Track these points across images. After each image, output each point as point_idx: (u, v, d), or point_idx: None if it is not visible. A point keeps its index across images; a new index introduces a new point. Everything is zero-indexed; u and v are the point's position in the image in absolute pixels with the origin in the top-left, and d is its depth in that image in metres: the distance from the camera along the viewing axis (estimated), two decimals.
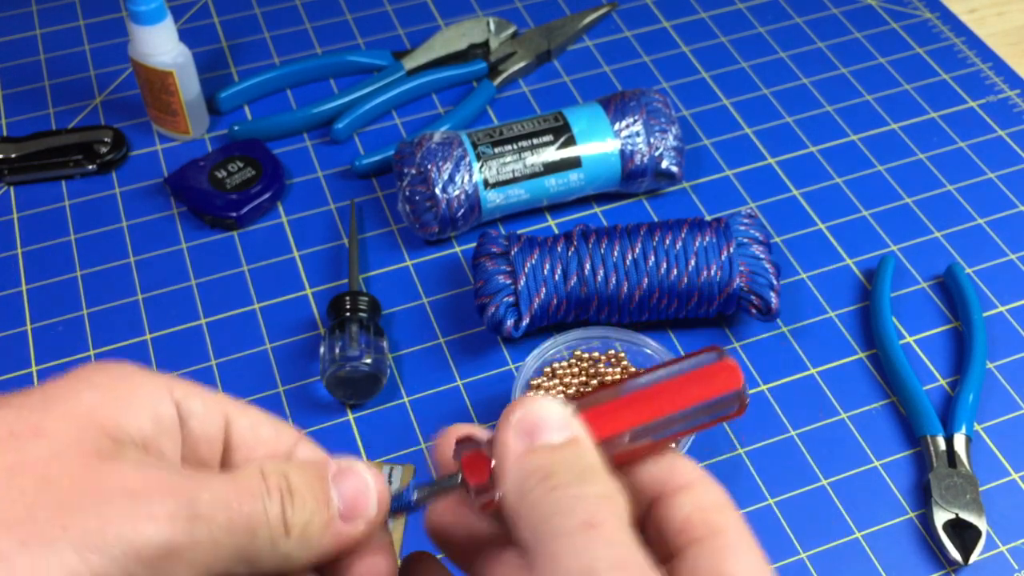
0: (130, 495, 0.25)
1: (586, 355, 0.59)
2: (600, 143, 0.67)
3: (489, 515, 0.29)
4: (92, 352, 0.62)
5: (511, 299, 0.59)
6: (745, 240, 0.61)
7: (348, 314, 0.60)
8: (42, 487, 0.24)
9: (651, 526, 0.28)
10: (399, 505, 0.29)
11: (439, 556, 0.31)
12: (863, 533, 0.55)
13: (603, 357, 0.59)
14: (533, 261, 0.60)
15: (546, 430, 0.27)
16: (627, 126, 0.68)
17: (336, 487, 0.28)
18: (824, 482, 0.56)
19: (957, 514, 0.54)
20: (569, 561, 0.24)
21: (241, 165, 0.70)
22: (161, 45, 0.68)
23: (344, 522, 0.28)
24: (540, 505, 0.26)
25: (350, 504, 0.28)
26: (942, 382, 0.61)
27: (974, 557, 0.53)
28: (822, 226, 0.69)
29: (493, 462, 0.28)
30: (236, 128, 0.73)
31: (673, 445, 0.30)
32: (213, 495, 0.26)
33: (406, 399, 0.60)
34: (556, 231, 0.69)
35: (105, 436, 0.25)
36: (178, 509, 0.25)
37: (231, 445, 0.29)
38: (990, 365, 0.62)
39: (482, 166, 0.65)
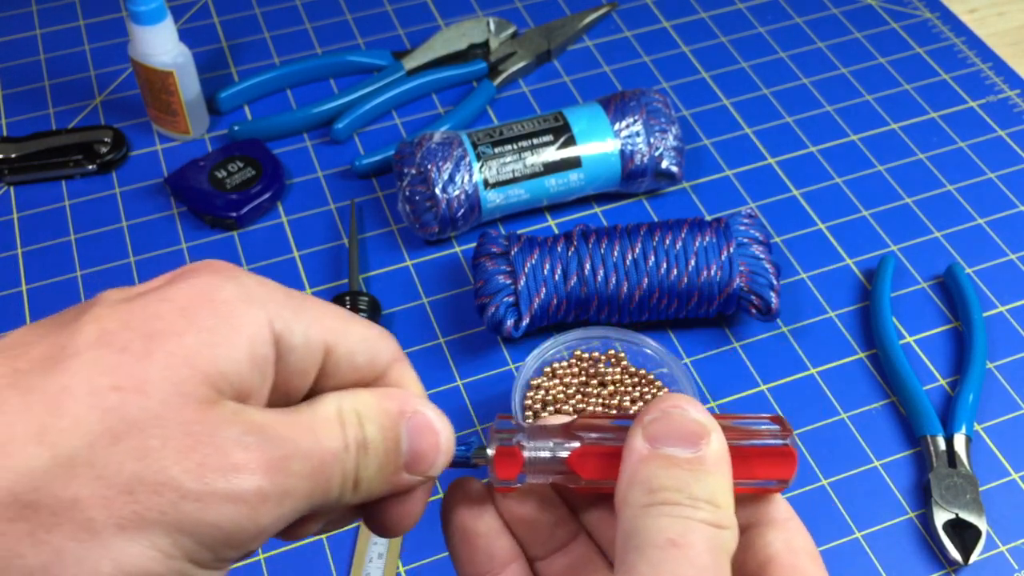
0: (225, 460, 0.24)
1: (586, 355, 0.59)
2: (600, 143, 0.67)
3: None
4: None
5: (511, 299, 0.59)
6: (745, 240, 0.61)
7: None
8: (143, 458, 0.23)
9: (748, 554, 0.28)
10: (455, 461, 0.30)
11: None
12: (863, 533, 0.55)
13: (603, 357, 0.59)
14: (533, 261, 0.60)
15: (673, 439, 0.27)
16: (627, 126, 0.68)
17: (408, 437, 0.28)
18: (824, 482, 0.56)
19: (957, 514, 0.54)
20: (644, 574, 0.24)
21: (241, 165, 0.70)
22: (161, 45, 0.68)
23: (406, 472, 0.28)
24: (637, 516, 0.25)
25: (417, 457, 0.28)
26: (942, 382, 0.61)
27: (974, 557, 0.53)
28: (822, 226, 0.69)
29: (526, 455, 0.28)
30: (236, 128, 0.73)
31: None
32: (300, 450, 0.25)
33: None
34: (556, 231, 0.69)
35: (206, 385, 0.24)
36: (271, 471, 0.24)
37: (324, 372, 0.28)
38: (990, 365, 0.62)
39: (482, 166, 0.65)
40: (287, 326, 0.26)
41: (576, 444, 0.29)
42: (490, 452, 0.29)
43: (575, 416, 0.30)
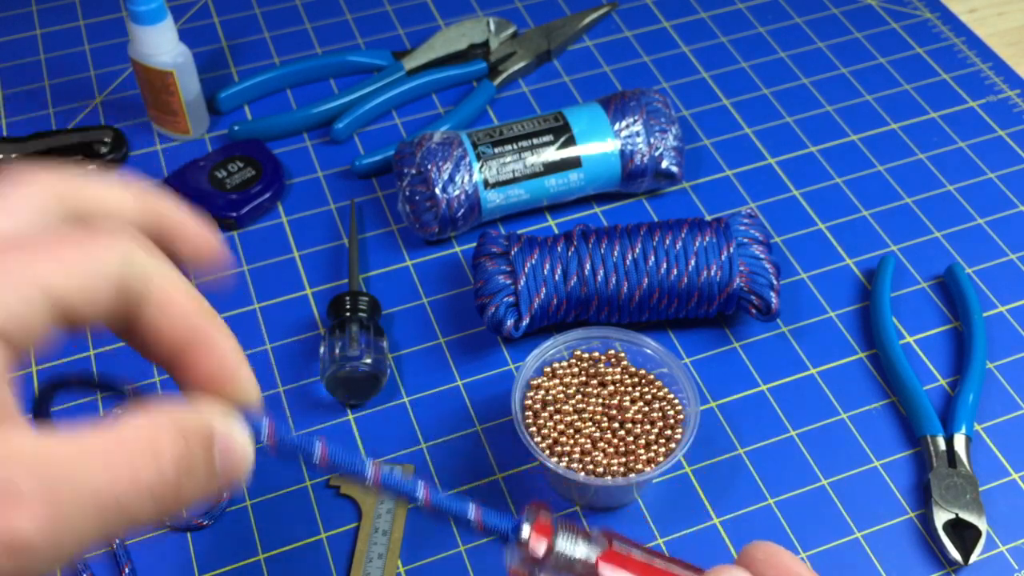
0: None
1: (586, 355, 0.59)
2: (600, 143, 0.67)
3: None
4: (92, 352, 0.62)
5: (511, 299, 0.59)
6: (745, 240, 0.61)
7: (348, 314, 0.60)
8: None
9: None
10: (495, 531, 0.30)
11: None
12: (863, 533, 0.55)
13: (603, 357, 0.59)
14: (533, 261, 0.60)
15: None
16: (627, 126, 0.68)
17: (217, 450, 0.26)
18: (824, 482, 0.56)
19: (957, 514, 0.54)
20: None
21: (241, 165, 0.70)
22: (161, 45, 0.68)
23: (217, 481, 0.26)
24: None
25: (227, 471, 0.26)
26: (942, 382, 0.61)
27: (974, 557, 0.53)
28: (822, 226, 0.69)
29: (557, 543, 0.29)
30: (236, 128, 0.73)
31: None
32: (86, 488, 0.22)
33: (406, 399, 0.60)
34: (556, 231, 0.69)
35: None
36: (45, 497, 0.21)
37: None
38: (990, 365, 0.62)
39: (482, 166, 0.65)
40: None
41: (604, 548, 0.29)
42: (526, 528, 0.29)
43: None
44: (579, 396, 0.57)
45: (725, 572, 0.27)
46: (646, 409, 0.56)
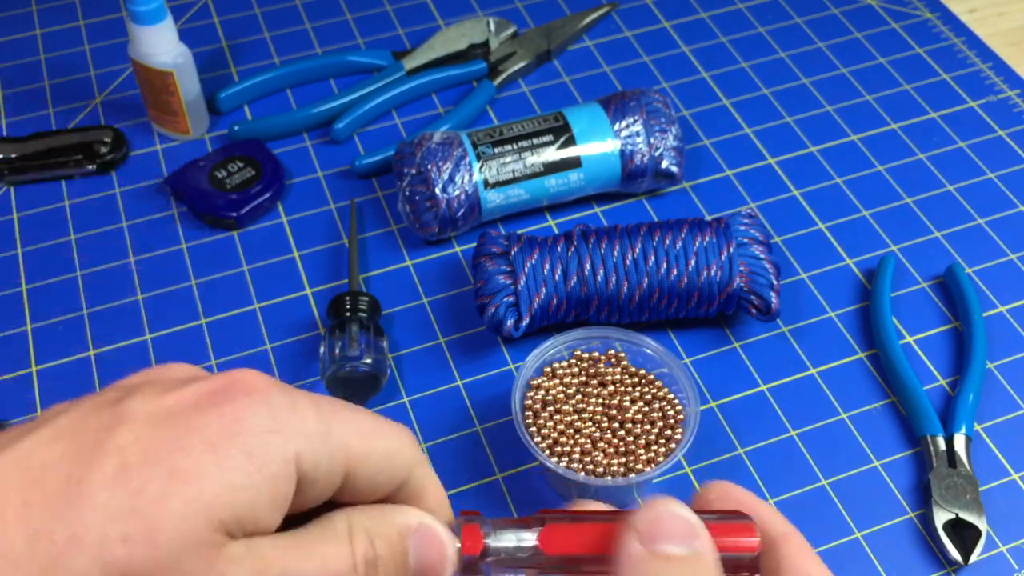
0: None
1: (586, 355, 0.59)
2: (600, 143, 0.67)
3: None
4: (92, 352, 0.62)
5: (511, 299, 0.59)
6: (745, 240, 0.61)
7: (348, 314, 0.60)
8: None
9: None
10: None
11: None
12: (863, 533, 0.55)
13: (603, 357, 0.59)
14: (533, 261, 0.60)
15: (668, 537, 0.27)
16: (627, 126, 0.68)
17: (415, 551, 0.28)
18: (824, 482, 0.56)
19: (957, 514, 0.54)
20: None
21: (241, 165, 0.70)
22: (161, 45, 0.68)
23: None
24: None
25: (425, 570, 0.28)
26: (942, 382, 0.61)
27: (974, 557, 0.53)
28: (822, 226, 0.69)
29: (490, 542, 0.29)
30: (236, 128, 0.73)
31: None
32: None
33: (406, 399, 0.60)
34: (556, 231, 0.69)
35: (220, 531, 0.24)
36: None
37: (343, 491, 0.28)
38: (990, 365, 0.62)
39: (482, 166, 0.65)
40: (314, 459, 0.26)
41: (540, 528, 0.29)
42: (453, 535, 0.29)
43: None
44: (579, 396, 0.57)
45: (657, 504, 0.28)
46: (646, 409, 0.56)
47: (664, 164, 0.68)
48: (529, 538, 0.29)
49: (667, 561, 0.27)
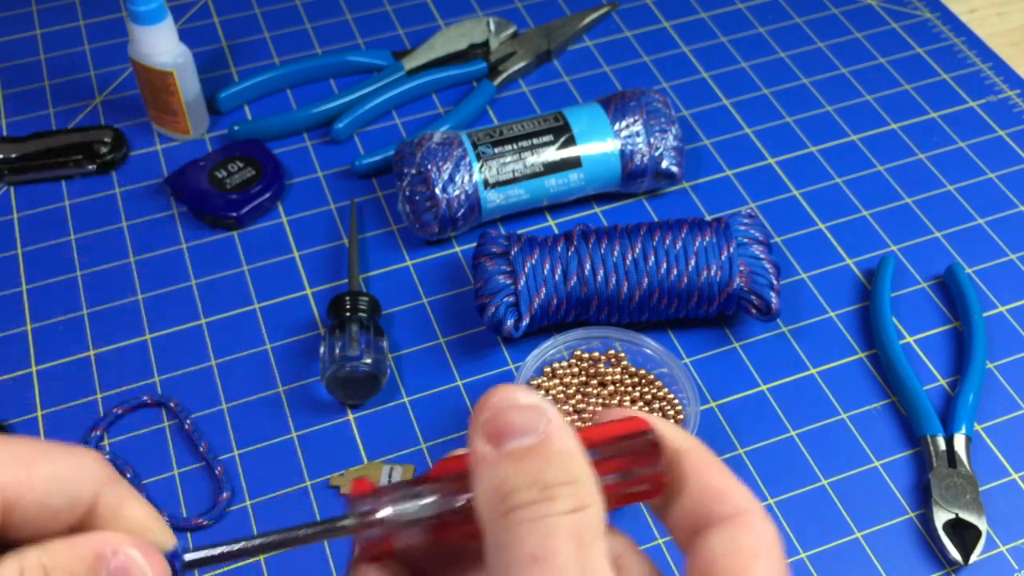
0: None
1: (586, 355, 0.59)
2: (600, 143, 0.67)
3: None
4: (92, 352, 0.62)
5: (511, 299, 0.59)
6: (745, 240, 0.61)
7: (348, 314, 0.60)
8: None
9: (692, 562, 0.26)
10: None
11: None
12: (863, 533, 0.55)
13: (603, 357, 0.59)
14: (533, 261, 0.60)
15: (512, 432, 0.24)
16: (627, 126, 0.68)
17: (107, 573, 0.25)
18: (824, 482, 0.56)
19: (957, 514, 0.54)
20: None
21: (241, 165, 0.70)
22: (161, 45, 0.68)
23: None
24: (496, 529, 0.23)
25: None
26: (942, 382, 0.61)
27: (974, 557, 0.53)
28: (822, 226, 0.69)
29: (389, 507, 0.25)
30: (236, 128, 0.73)
31: None
32: None
33: (406, 399, 0.60)
34: (556, 231, 0.69)
35: None
36: None
37: (10, 526, 0.25)
38: (990, 365, 0.62)
39: (482, 166, 0.65)
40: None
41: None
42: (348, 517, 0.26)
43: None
44: (579, 396, 0.57)
45: (494, 394, 0.25)
46: (646, 409, 0.56)
47: (664, 164, 0.68)
48: (421, 482, 0.26)
49: (516, 460, 0.24)
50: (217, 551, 0.27)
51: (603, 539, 0.23)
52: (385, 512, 0.26)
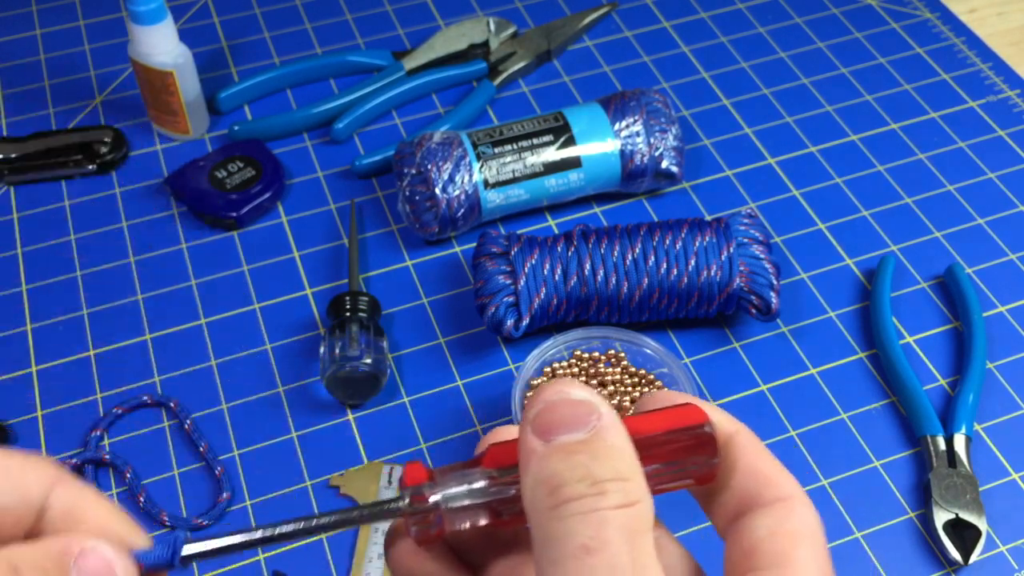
0: None
1: (586, 355, 0.59)
2: (600, 143, 0.67)
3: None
4: (92, 352, 0.62)
5: (511, 299, 0.59)
6: (745, 240, 0.61)
7: (348, 314, 0.60)
8: None
9: (732, 545, 0.26)
10: (156, 566, 0.26)
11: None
12: (863, 533, 0.55)
13: (603, 357, 0.59)
14: (533, 261, 0.60)
15: (563, 426, 0.24)
16: (627, 126, 0.68)
17: (77, 571, 0.24)
18: (824, 482, 0.56)
19: (957, 514, 0.54)
20: None
21: (241, 165, 0.70)
22: (161, 45, 0.68)
23: None
24: (546, 522, 0.23)
25: None
26: (942, 382, 0.61)
27: (974, 557, 0.53)
28: (822, 226, 0.69)
29: (438, 492, 0.25)
30: (236, 128, 0.73)
31: None
32: None
33: (406, 399, 0.60)
34: (556, 231, 0.69)
35: None
36: None
37: None
38: (990, 365, 0.62)
39: (482, 166, 0.65)
40: None
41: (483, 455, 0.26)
42: (401, 500, 0.26)
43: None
44: None
45: (546, 389, 0.25)
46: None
47: (664, 164, 0.68)
48: (473, 466, 0.26)
49: (566, 454, 0.23)
50: (280, 530, 0.26)
51: (651, 533, 0.23)
52: (438, 496, 0.26)
